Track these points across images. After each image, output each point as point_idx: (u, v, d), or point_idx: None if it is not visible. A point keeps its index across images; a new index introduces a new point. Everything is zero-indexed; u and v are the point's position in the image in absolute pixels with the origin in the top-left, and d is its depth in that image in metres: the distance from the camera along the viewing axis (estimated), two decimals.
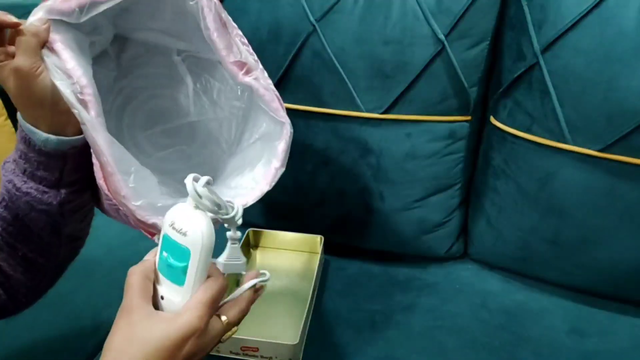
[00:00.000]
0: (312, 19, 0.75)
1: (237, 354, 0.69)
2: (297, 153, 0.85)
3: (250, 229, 0.90)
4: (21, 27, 0.45)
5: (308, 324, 0.74)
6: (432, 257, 0.89)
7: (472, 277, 0.86)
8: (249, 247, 0.91)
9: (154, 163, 0.62)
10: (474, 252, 0.89)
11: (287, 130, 0.58)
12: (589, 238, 0.74)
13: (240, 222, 0.49)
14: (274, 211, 0.94)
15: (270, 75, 0.79)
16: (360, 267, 0.88)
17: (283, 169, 0.59)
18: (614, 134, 0.66)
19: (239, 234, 0.51)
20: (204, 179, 0.44)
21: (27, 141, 0.48)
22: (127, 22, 0.51)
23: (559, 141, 0.71)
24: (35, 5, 0.48)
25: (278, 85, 0.80)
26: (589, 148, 0.69)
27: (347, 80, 0.77)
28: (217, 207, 0.45)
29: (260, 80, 0.57)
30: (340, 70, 0.76)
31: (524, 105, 0.73)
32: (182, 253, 0.43)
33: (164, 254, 0.44)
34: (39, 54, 0.46)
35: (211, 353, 0.70)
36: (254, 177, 0.60)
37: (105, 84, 0.61)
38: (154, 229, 0.51)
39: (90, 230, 0.58)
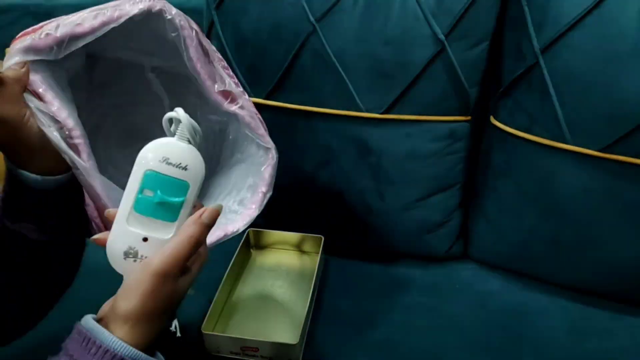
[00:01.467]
0: (312, 19, 0.75)
1: (237, 354, 0.69)
2: (297, 153, 0.85)
3: (250, 229, 0.90)
4: (1, 74, 0.43)
5: (308, 324, 0.74)
6: (432, 257, 0.89)
7: (472, 277, 0.86)
8: (249, 247, 0.91)
9: None
10: (474, 252, 0.89)
11: (272, 155, 0.59)
12: (589, 238, 0.74)
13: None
14: (274, 211, 0.93)
15: (270, 75, 0.80)
16: (360, 267, 0.88)
17: (270, 193, 0.59)
18: (614, 134, 0.66)
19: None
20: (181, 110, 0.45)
21: (15, 182, 0.47)
22: (100, 43, 0.49)
23: (559, 141, 0.71)
24: (35, 6, 0.47)
25: (278, 85, 0.81)
26: (589, 148, 0.69)
27: (347, 80, 0.77)
28: (199, 137, 0.46)
29: (245, 108, 0.57)
30: (340, 70, 0.76)
31: (524, 105, 0.73)
32: (180, 187, 0.43)
33: (149, 192, 0.43)
34: (23, 99, 0.44)
35: (211, 353, 0.70)
36: (241, 200, 0.60)
37: (78, 103, 0.58)
38: None
39: (91, 230, 0.58)
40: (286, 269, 0.87)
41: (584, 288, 0.79)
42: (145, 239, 0.43)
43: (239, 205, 0.60)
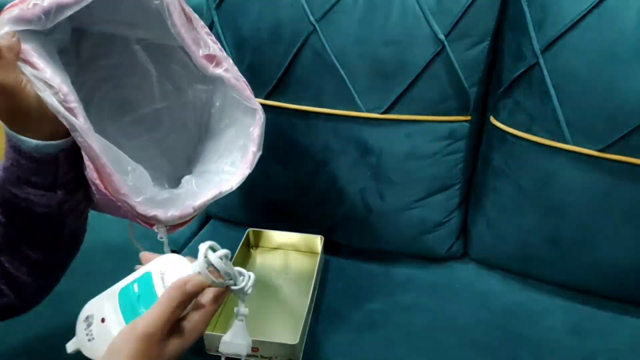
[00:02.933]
0: (312, 19, 0.75)
1: None
2: (297, 153, 0.85)
3: (250, 229, 0.90)
4: None
5: (308, 324, 0.74)
6: (432, 257, 0.89)
7: (472, 277, 0.86)
8: (249, 247, 0.91)
9: (128, 152, 0.63)
10: (474, 252, 0.89)
11: (259, 116, 0.60)
12: (589, 238, 0.74)
13: (250, 292, 0.51)
14: (274, 211, 0.94)
15: (270, 75, 0.80)
16: (360, 267, 0.88)
17: (260, 153, 0.61)
18: (614, 134, 0.66)
19: (246, 310, 0.53)
20: (222, 252, 0.46)
21: (17, 150, 0.48)
22: (85, 16, 0.50)
23: (559, 141, 0.71)
24: None
25: (278, 85, 0.81)
26: (589, 148, 0.69)
27: (347, 80, 0.77)
28: (226, 277, 0.47)
29: (230, 71, 0.59)
30: (340, 70, 0.76)
31: (524, 105, 0.73)
32: (153, 299, 0.44)
33: (136, 288, 0.45)
34: (18, 67, 0.45)
35: (211, 353, 0.70)
36: (232, 162, 0.62)
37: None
38: (154, 220, 0.54)
39: (90, 229, 0.58)
40: (286, 269, 0.87)
41: (584, 288, 0.79)
42: (103, 320, 0.45)
43: (231, 166, 0.62)
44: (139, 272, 0.46)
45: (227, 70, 0.58)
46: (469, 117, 0.79)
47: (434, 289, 0.83)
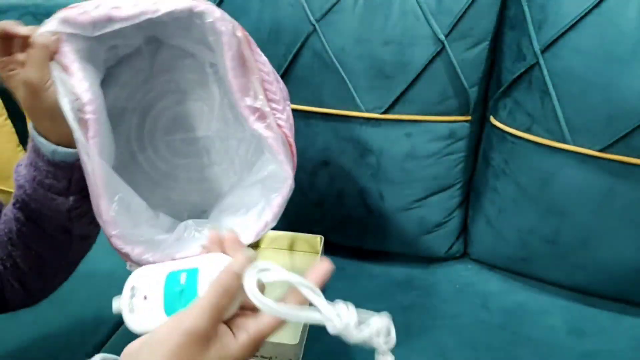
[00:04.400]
0: (312, 19, 0.75)
1: None
2: (297, 153, 0.85)
3: None
4: (31, 38, 0.44)
5: (308, 324, 0.74)
6: (432, 257, 0.89)
7: (472, 277, 0.86)
8: (249, 247, 0.91)
9: (169, 169, 0.61)
10: (474, 252, 0.89)
11: (287, 185, 0.56)
12: (589, 238, 0.74)
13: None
14: None
15: None
16: (360, 267, 0.88)
17: (274, 224, 0.56)
18: (614, 134, 0.66)
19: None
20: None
21: (36, 150, 0.49)
22: (159, 27, 0.49)
23: (559, 141, 0.71)
24: (34, 6, 0.47)
25: None
26: (589, 148, 0.69)
27: (347, 80, 0.77)
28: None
29: (272, 130, 0.54)
30: (340, 70, 0.76)
31: (524, 105, 0.73)
32: (194, 298, 0.40)
33: (183, 279, 0.41)
34: (48, 66, 0.45)
35: None
36: (245, 222, 0.58)
37: (135, 82, 0.60)
38: (125, 257, 0.51)
39: None
40: (286, 269, 0.87)
41: (584, 288, 0.79)
42: (145, 297, 0.41)
43: (242, 225, 0.58)
44: (190, 261, 0.42)
45: (269, 127, 0.53)
46: (469, 117, 0.79)
47: (434, 289, 0.83)
